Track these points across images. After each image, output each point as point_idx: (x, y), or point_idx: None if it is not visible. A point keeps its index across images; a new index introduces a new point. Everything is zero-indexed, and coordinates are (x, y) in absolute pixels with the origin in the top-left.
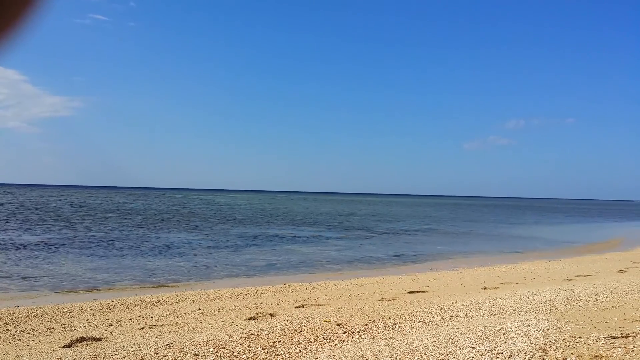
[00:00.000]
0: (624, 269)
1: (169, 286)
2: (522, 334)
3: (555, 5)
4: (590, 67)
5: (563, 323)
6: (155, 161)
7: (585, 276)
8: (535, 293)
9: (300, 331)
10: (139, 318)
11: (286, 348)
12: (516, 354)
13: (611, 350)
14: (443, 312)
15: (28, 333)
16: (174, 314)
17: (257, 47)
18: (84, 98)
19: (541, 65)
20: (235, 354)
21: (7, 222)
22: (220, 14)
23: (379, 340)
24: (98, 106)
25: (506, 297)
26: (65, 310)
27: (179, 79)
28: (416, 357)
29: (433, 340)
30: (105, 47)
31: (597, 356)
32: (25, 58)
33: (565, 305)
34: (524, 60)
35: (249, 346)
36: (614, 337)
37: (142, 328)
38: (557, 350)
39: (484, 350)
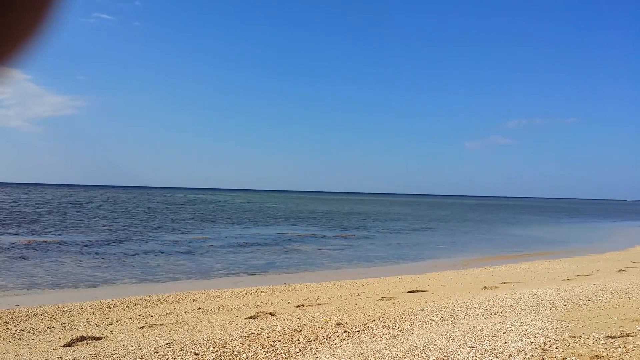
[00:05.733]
0: (624, 269)
1: (168, 285)
2: (522, 334)
3: (557, 5)
4: (592, 67)
5: (563, 322)
6: (157, 160)
7: (585, 276)
8: (535, 292)
9: (300, 330)
10: (139, 317)
11: (286, 347)
12: (516, 353)
13: (611, 350)
14: (443, 311)
15: (28, 332)
16: (174, 313)
17: (261, 46)
18: (86, 97)
19: (543, 65)
20: (235, 353)
21: (7, 220)
22: (224, 14)
23: (379, 339)
24: (101, 105)
25: (506, 296)
26: (65, 310)
27: (182, 78)
28: (416, 357)
29: (433, 339)
30: (110, 47)
31: (597, 356)
32: (36, 60)
33: (565, 305)
34: (525, 60)
35: (249, 345)
36: (614, 337)
37: (142, 327)
38: (557, 349)
39: (483, 350)
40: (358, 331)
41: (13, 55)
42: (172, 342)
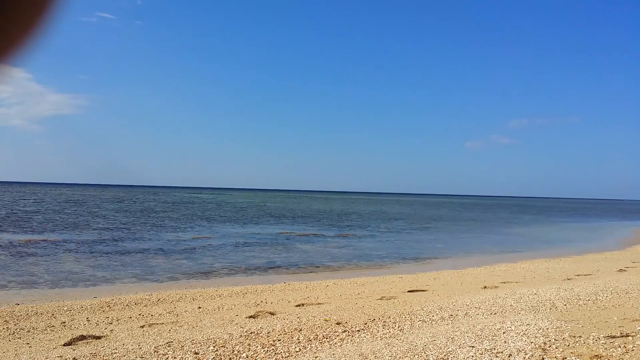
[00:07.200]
0: (624, 269)
1: (168, 284)
2: (521, 333)
3: (558, 6)
4: (593, 67)
5: (563, 322)
6: (158, 159)
7: (585, 275)
8: (535, 292)
9: (300, 330)
10: (139, 316)
11: (286, 347)
12: (516, 353)
13: (611, 350)
14: (443, 311)
15: (28, 331)
16: (174, 312)
17: (262, 45)
18: (87, 96)
19: (544, 65)
20: (235, 352)
21: (7, 219)
22: (226, 13)
23: (379, 339)
24: (102, 104)
25: (506, 296)
26: (65, 309)
27: (183, 77)
28: (416, 356)
29: (433, 339)
30: (111, 45)
31: (596, 355)
32: (35, 58)
33: (565, 305)
34: (526, 59)
35: (249, 345)
36: (614, 337)
37: (142, 326)
38: (557, 349)
39: (483, 349)
40: (358, 330)
41: (12, 53)
42: (172, 341)
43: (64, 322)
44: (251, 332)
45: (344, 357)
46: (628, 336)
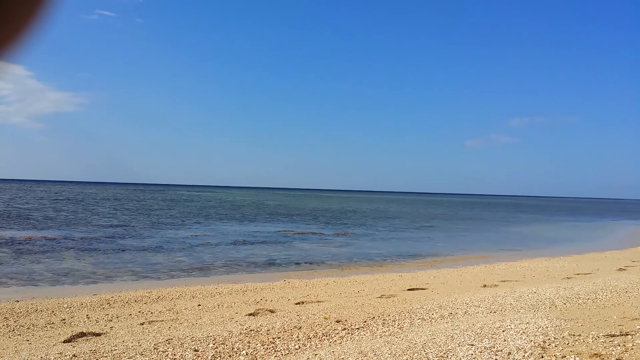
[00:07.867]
0: (624, 268)
1: (168, 281)
2: (521, 332)
3: (559, 5)
4: (594, 66)
5: (562, 321)
6: (158, 157)
7: (584, 274)
8: (534, 291)
9: (300, 328)
10: (138, 314)
11: (286, 344)
12: (515, 351)
13: (610, 349)
14: (442, 309)
15: (28, 328)
16: (174, 309)
17: (263, 43)
18: (88, 94)
19: (545, 63)
20: (235, 350)
21: (8, 217)
22: (228, 11)
23: (379, 337)
24: (102, 102)
25: (506, 294)
26: (65, 306)
27: (184, 75)
28: (415, 354)
29: (432, 337)
30: (111, 43)
31: (596, 354)
32: (31, 53)
33: (565, 303)
34: (527, 57)
35: (249, 342)
36: (613, 335)
37: (142, 323)
38: (557, 348)
39: (483, 348)
40: (358, 328)
41: (10, 49)
42: (171, 339)
43: (64, 319)
44: (251, 330)
45: (343, 355)
46: (627, 335)
